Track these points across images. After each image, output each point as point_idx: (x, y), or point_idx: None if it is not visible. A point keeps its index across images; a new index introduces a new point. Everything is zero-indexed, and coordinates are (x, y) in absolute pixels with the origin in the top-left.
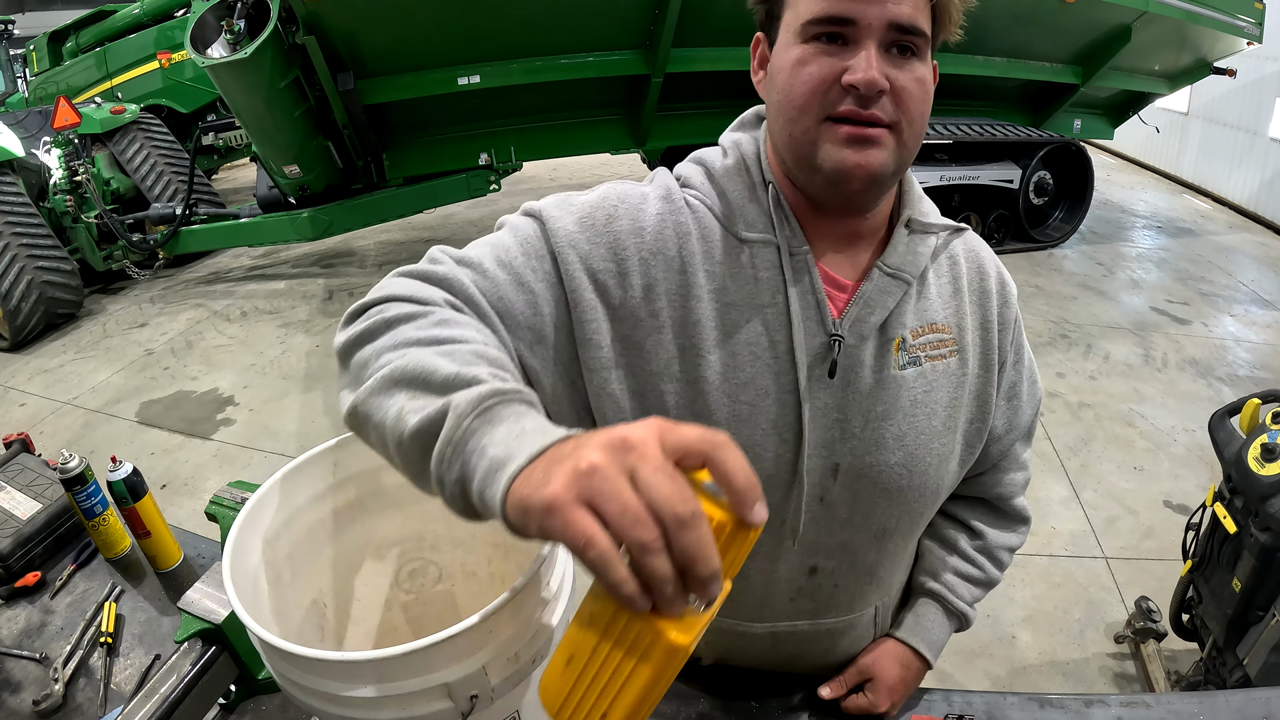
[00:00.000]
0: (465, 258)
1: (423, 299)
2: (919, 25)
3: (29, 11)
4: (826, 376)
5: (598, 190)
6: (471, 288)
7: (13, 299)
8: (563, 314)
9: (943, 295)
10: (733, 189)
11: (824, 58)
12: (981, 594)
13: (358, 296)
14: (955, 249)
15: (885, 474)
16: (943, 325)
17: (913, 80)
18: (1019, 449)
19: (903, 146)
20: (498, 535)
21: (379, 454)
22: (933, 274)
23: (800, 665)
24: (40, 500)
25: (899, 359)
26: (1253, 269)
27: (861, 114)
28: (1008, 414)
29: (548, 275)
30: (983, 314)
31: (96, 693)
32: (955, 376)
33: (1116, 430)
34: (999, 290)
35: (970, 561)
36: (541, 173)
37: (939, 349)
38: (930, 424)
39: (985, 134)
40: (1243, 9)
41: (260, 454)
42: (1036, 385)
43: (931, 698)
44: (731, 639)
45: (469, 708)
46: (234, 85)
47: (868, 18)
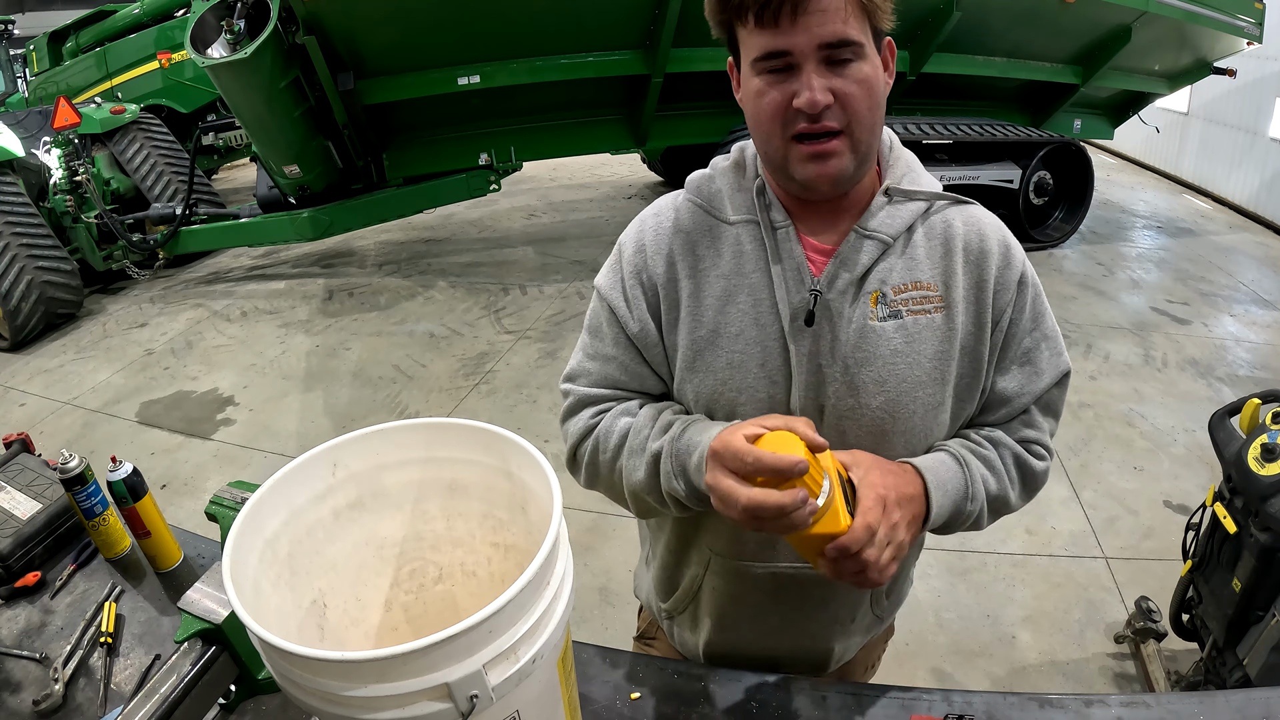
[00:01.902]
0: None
1: (589, 430)
2: (848, 37)
3: (29, 11)
4: (805, 325)
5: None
6: (592, 391)
7: (13, 299)
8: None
9: (932, 256)
10: (725, 183)
11: (776, 88)
12: (986, 472)
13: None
14: (952, 216)
15: (868, 416)
16: (928, 283)
17: (854, 83)
18: (1037, 417)
19: (857, 144)
20: (498, 535)
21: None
22: (923, 236)
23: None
24: (40, 500)
25: (878, 311)
26: (1253, 269)
27: (815, 128)
28: (1021, 377)
29: (615, 328)
30: (979, 274)
31: (96, 693)
32: (941, 331)
33: (1116, 430)
34: (1000, 252)
35: (977, 442)
36: (541, 173)
37: (923, 304)
38: (913, 373)
39: (985, 134)
40: (1243, 9)
41: (260, 454)
42: (1060, 358)
43: (931, 698)
44: (736, 582)
45: (469, 708)
46: (234, 85)
47: (799, 46)
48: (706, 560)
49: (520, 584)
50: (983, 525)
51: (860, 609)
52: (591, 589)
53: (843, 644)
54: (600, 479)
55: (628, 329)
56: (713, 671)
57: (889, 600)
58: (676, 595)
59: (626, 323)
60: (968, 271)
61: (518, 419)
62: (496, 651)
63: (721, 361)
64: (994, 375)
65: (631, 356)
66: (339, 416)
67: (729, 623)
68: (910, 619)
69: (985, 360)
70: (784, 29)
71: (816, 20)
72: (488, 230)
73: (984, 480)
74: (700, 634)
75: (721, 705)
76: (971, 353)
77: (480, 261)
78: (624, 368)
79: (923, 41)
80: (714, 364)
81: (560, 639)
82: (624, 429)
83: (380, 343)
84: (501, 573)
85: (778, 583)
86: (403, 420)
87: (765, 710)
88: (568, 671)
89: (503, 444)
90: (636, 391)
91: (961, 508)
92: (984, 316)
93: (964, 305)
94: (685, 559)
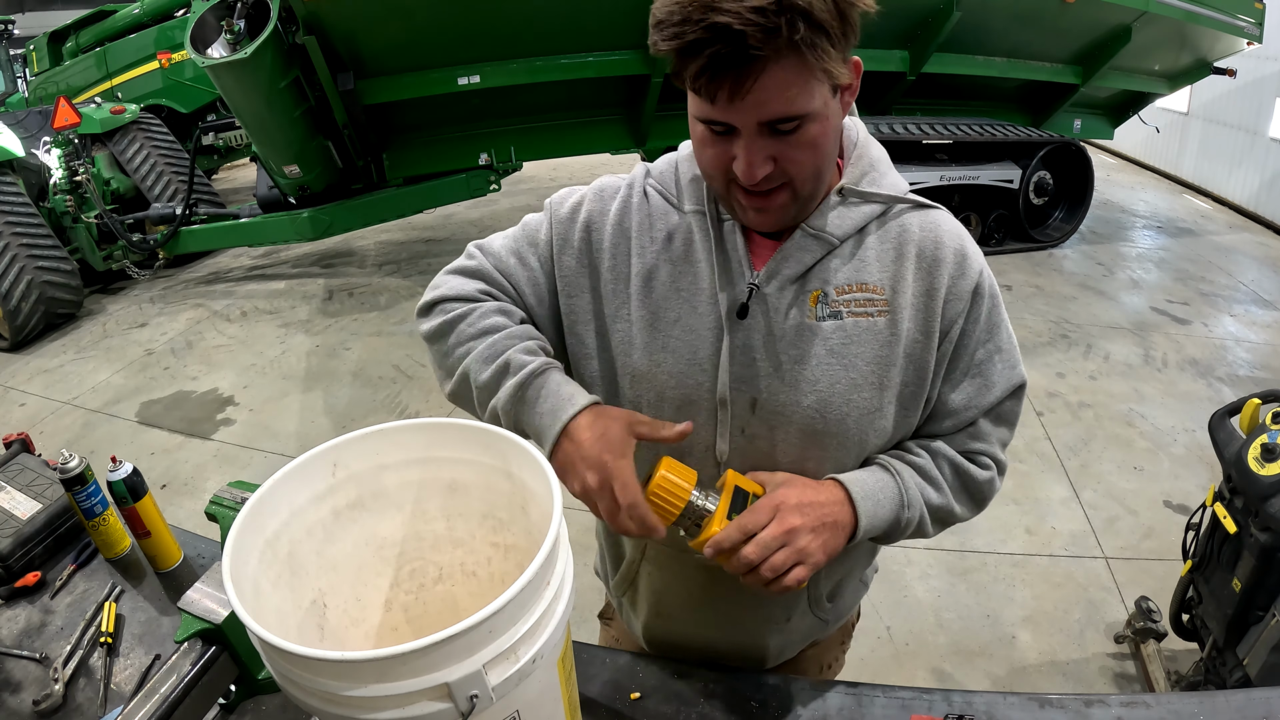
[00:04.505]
0: (488, 248)
1: (467, 296)
2: (792, 113)
3: (29, 11)
4: (738, 318)
5: (592, 185)
6: (495, 273)
7: (13, 299)
8: (551, 281)
9: (882, 260)
10: (686, 173)
11: (715, 146)
12: (921, 480)
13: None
14: (910, 220)
15: (799, 414)
16: (875, 286)
17: (799, 148)
18: (985, 428)
19: (799, 194)
20: (498, 535)
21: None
22: (875, 239)
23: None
24: (40, 500)
25: (817, 310)
26: (1253, 269)
27: (754, 189)
28: (970, 389)
29: (541, 253)
30: (929, 281)
31: (96, 693)
32: (883, 335)
33: (1116, 430)
34: (955, 260)
35: (911, 451)
36: (541, 173)
37: (865, 307)
38: (848, 374)
39: (985, 134)
40: (1243, 9)
41: (260, 454)
42: (1014, 370)
43: (931, 698)
44: (670, 565)
45: (469, 708)
46: (234, 85)
47: (739, 121)
48: (642, 546)
49: (520, 584)
50: (929, 533)
51: (797, 609)
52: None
53: (779, 641)
54: (446, 342)
55: (558, 263)
56: (713, 671)
57: (831, 604)
58: (617, 578)
59: (559, 256)
60: (918, 278)
61: None
62: (496, 651)
63: (657, 344)
64: (942, 386)
65: (543, 283)
66: (339, 416)
67: (665, 610)
68: (910, 619)
69: (931, 369)
70: (721, 107)
71: (754, 102)
72: (488, 230)
73: (920, 488)
74: (640, 618)
75: (722, 705)
76: (917, 360)
77: None
78: (533, 284)
79: (923, 41)
80: (650, 345)
81: (560, 639)
82: (497, 324)
83: (380, 343)
84: (501, 573)
85: (710, 575)
86: (403, 420)
87: (766, 710)
88: (568, 671)
89: (503, 444)
90: (520, 306)
91: (899, 516)
92: (932, 325)
93: (911, 311)
94: (620, 540)
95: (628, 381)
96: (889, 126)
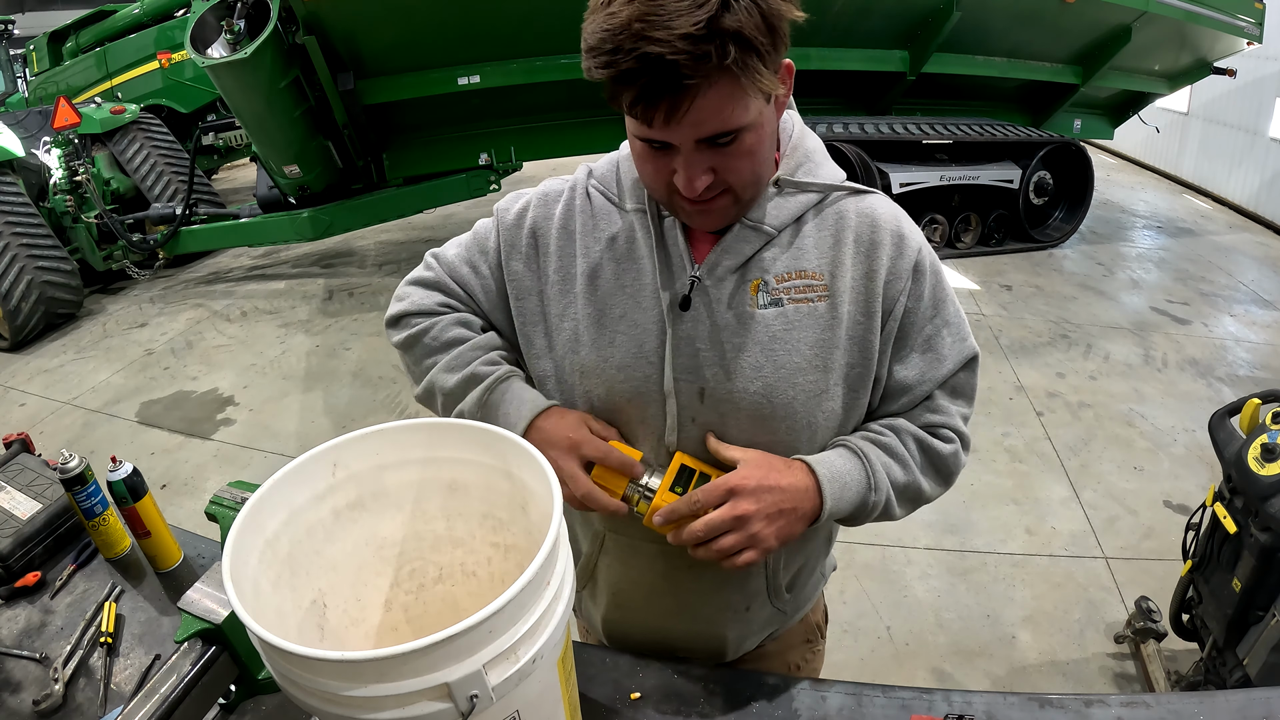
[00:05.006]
0: (443, 257)
1: (428, 310)
2: (727, 129)
3: (29, 11)
4: (681, 310)
5: (536, 189)
6: (451, 283)
7: (13, 299)
8: (502, 285)
9: (820, 246)
10: (627, 173)
11: (655, 161)
12: (888, 459)
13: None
14: (846, 206)
15: (746, 400)
16: (813, 272)
17: (736, 158)
18: (941, 400)
19: (740, 197)
20: (498, 535)
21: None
22: (813, 227)
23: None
24: (40, 500)
25: (758, 299)
26: (1253, 269)
27: (695, 198)
28: (922, 365)
29: (491, 260)
30: (868, 264)
31: (96, 693)
32: (824, 319)
33: (1116, 430)
34: (893, 241)
35: (875, 431)
36: (541, 173)
37: (805, 293)
38: (791, 359)
39: (985, 134)
40: (1243, 9)
41: (260, 454)
42: (964, 343)
43: (931, 698)
44: (628, 556)
45: (469, 708)
46: (234, 85)
47: (676, 139)
48: (601, 538)
49: (520, 584)
50: (895, 515)
51: (756, 599)
52: None
53: (738, 632)
54: (414, 353)
55: (506, 268)
56: (713, 671)
57: (790, 595)
58: (579, 565)
59: (507, 262)
60: (857, 261)
61: None
62: (496, 651)
63: (604, 340)
64: (893, 364)
65: (494, 288)
66: (339, 416)
67: (624, 600)
68: (910, 619)
69: (876, 349)
70: (658, 128)
71: (690, 122)
72: None
73: (886, 468)
74: (599, 611)
75: (722, 705)
76: (860, 341)
77: None
78: (485, 291)
79: (923, 41)
80: (597, 341)
81: (560, 639)
82: (459, 336)
83: (380, 343)
84: (501, 573)
85: (668, 562)
86: (403, 420)
87: (765, 710)
88: (568, 671)
89: (503, 444)
90: (477, 313)
91: (865, 498)
92: (873, 305)
93: (851, 294)
94: (583, 530)
95: (578, 377)
96: (889, 126)
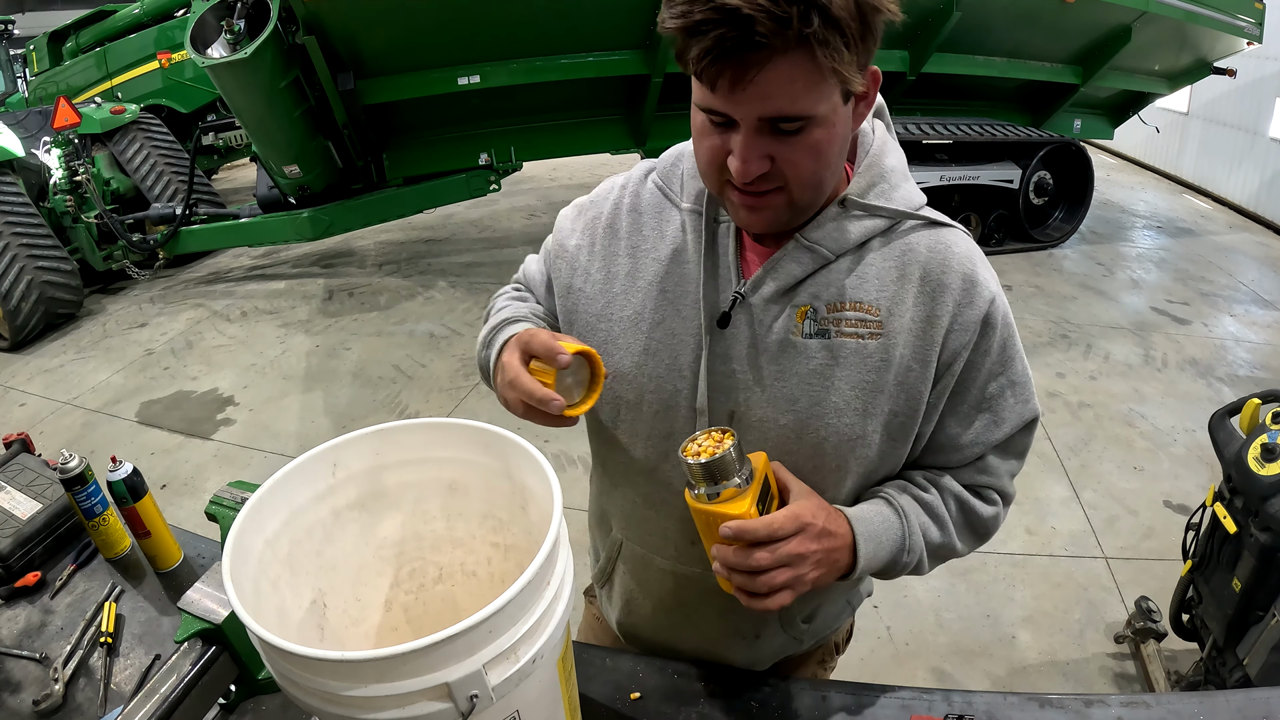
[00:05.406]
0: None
1: (502, 293)
2: (795, 113)
3: (29, 11)
4: (719, 326)
5: (594, 190)
6: (521, 278)
7: (13, 299)
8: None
9: (882, 279)
10: (687, 166)
11: (715, 135)
12: (927, 519)
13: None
14: (918, 239)
15: (775, 432)
16: (870, 306)
17: (799, 150)
18: (994, 462)
19: (796, 201)
20: (498, 535)
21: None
22: (877, 256)
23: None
24: (40, 500)
25: (804, 326)
26: (1253, 269)
27: (748, 188)
28: (979, 425)
29: (548, 262)
30: (930, 308)
31: (96, 693)
32: (874, 360)
33: (1116, 430)
34: (963, 287)
35: (918, 484)
36: (541, 173)
37: (857, 327)
38: (829, 398)
39: (985, 134)
40: (1243, 9)
41: (260, 454)
42: (1027, 405)
43: (931, 698)
44: (640, 568)
45: (469, 708)
46: (234, 85)
47: (738, 114)
48: (618, 545)
49: (520, 584)
50: (924, 571)
51: (768, 628)
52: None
53: (747, 656)
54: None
55: (553, 269)
56: (713, 671)
57: (807, 626)
58: (597, 570)
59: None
60: (920, 302)
61: (517, 419)
62: (496, 651)
63: (639, 345)
64: (948, 419)
65: (544, 288)
66: (339, 416)
67: (635, 609)
68: (910, 619)
69: (925, 401)
70: (721, 96)
71: (756, 94)
72: (488, 230)
73: (924, 529)
74: (614, 611)
75: (722, 705)
76: (910, 391)
77: (480, 261)
78: (545, 289)
79: (923, 41)
80: (632, 346)
81: (560, 639)
82: (503, 306)
83: (380, 343)
84: (501, 573)
85: (677, 582)
86: (403, 420)
87: (766, 710)
88: (568, 671)
89: (503, 444)
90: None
91: (897, 559)
92: (929, 354)
93: (907, 337)
94: (603, 533)
95: (611, 380)
96: None
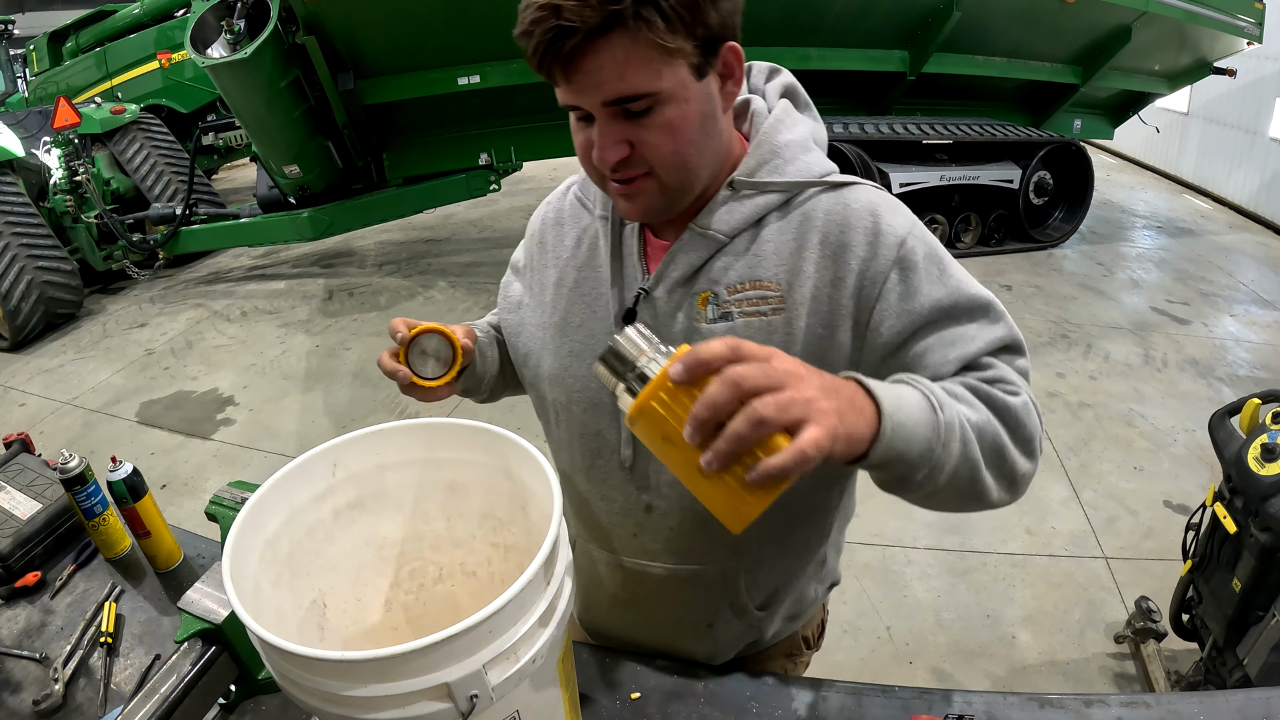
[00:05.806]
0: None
1: None
2: (631, 92)
3: (29, 11)
4: (624, 323)
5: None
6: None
7: (13, 299)
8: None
9: (780, 253)
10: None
11: (581, 131)
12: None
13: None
14: (816, 205)
15: None
16: (769, 282)
17: (653, 131)
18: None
19: (667, 186)
20: (498, 535)
21: None
22: (774, 230)
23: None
24: (40, 500)
25: (707, 312)
26: (1253, 269)
27: (616, 176)
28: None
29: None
30: (834, 270)
31: (96, 693)
32: (779, 335)
33: (1116, 430)
34: (866, 242)
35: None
36: (541, 173)
37: (758, 305)
38: None
39: (985, 134)
40: (1243, 9)
41: (260, 454)
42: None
43: (931, 698)
44: (591, 564)
45: (469, 708)
46: (234, 85)
47: (584, 103)
48: (574, 541)
49: (520, 584)
50: (981, 470)
51: (720, 614)
52: None
53: (705, 648)
54: None
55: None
56: (713, 671)
57: (762, 613)
58: None
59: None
60: (822, 267)
61: (518, 419)
62: (496, 651)
63: (565, 349)
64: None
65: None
66: (339, 416)
67: (593, 604)
68: (910, 619)
69: (842, 366)
70: (564, 88)
71: (590, 81)
72: (488, 230)
73: (953, 397)
74: (576, 608)
75: (722, 705)
76: (819, 358)
77: (480, 261)
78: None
79: (923, 41)
80: (559, 350)
81: (560, 639)
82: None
83: (380, 343)
84: (501, 573)
85: (626, 575)
86: (403, 420)
87: (766, 710)
88: (568, 671)
89: (503, 444)
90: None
91: (933, 420)
92: (836, 318)
93: (810, 305)
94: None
95: (546, 385)
96: (889, 126)
